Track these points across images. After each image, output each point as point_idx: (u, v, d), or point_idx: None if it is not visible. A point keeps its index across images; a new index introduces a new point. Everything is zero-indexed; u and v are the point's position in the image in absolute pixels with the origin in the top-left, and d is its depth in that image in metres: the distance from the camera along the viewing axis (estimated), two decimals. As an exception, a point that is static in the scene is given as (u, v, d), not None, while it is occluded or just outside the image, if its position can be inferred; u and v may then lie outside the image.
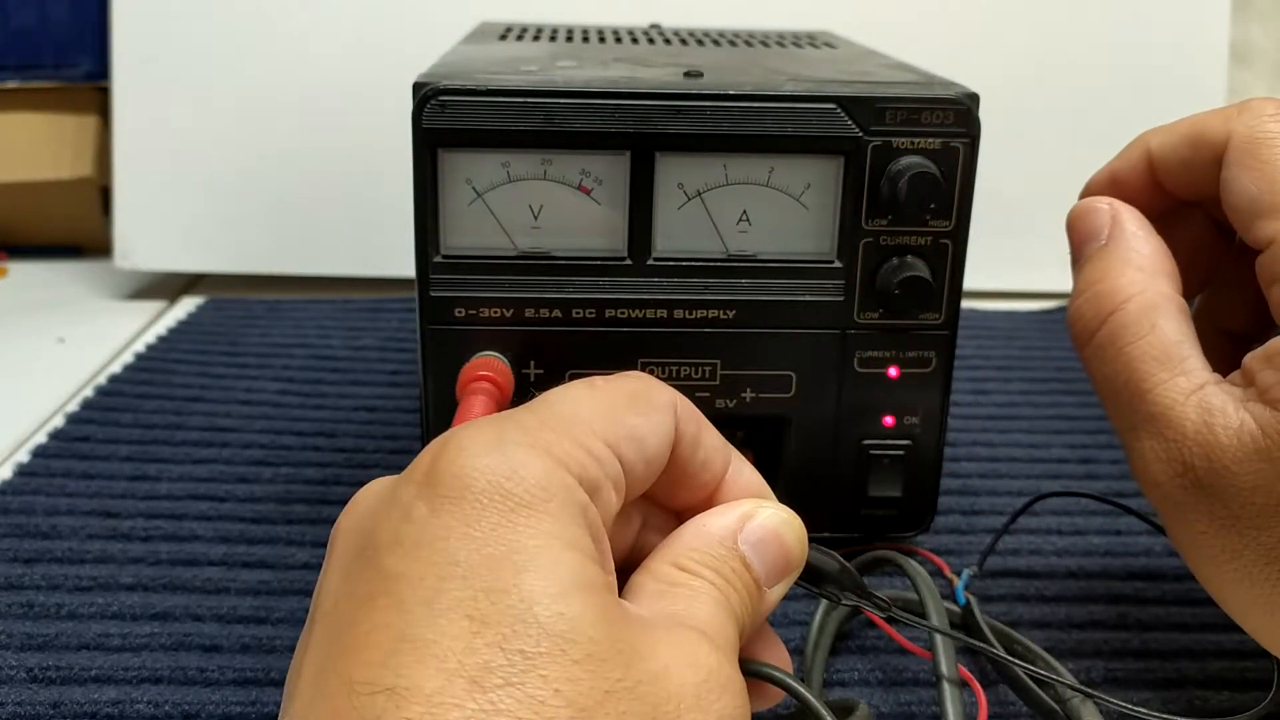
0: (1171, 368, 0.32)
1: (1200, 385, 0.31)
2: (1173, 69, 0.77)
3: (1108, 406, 0.34)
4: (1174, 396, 0.31)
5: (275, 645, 0.40)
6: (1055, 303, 0.76)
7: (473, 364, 0.39)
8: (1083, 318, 0.34)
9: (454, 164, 0.39)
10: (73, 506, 0.48)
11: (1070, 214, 0.36)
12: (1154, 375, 0.32)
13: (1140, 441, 0.32)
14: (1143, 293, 0.33)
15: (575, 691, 0.22)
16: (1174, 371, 0.32)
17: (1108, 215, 0.35)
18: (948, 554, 0.45)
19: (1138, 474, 0.33)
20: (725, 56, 0.50)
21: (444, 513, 0.24)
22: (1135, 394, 0.32)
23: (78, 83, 0.78)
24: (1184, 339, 0.32)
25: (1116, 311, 0.33)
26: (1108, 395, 0.33)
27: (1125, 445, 0.33)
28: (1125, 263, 0.34)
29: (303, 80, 0.75)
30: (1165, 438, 0.31)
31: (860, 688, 0.38)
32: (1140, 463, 0.32)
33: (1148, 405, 0.32)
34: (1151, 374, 0.32)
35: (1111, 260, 0.34)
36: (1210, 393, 0.31)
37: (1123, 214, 0.35)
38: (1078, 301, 0.34)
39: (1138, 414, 0.32)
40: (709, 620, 0.26)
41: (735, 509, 0.29)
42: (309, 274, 0.77)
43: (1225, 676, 0.39)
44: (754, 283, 0.40)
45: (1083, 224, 0.36)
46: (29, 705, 0.36)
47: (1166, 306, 0.33)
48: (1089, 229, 0.35)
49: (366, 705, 0.22)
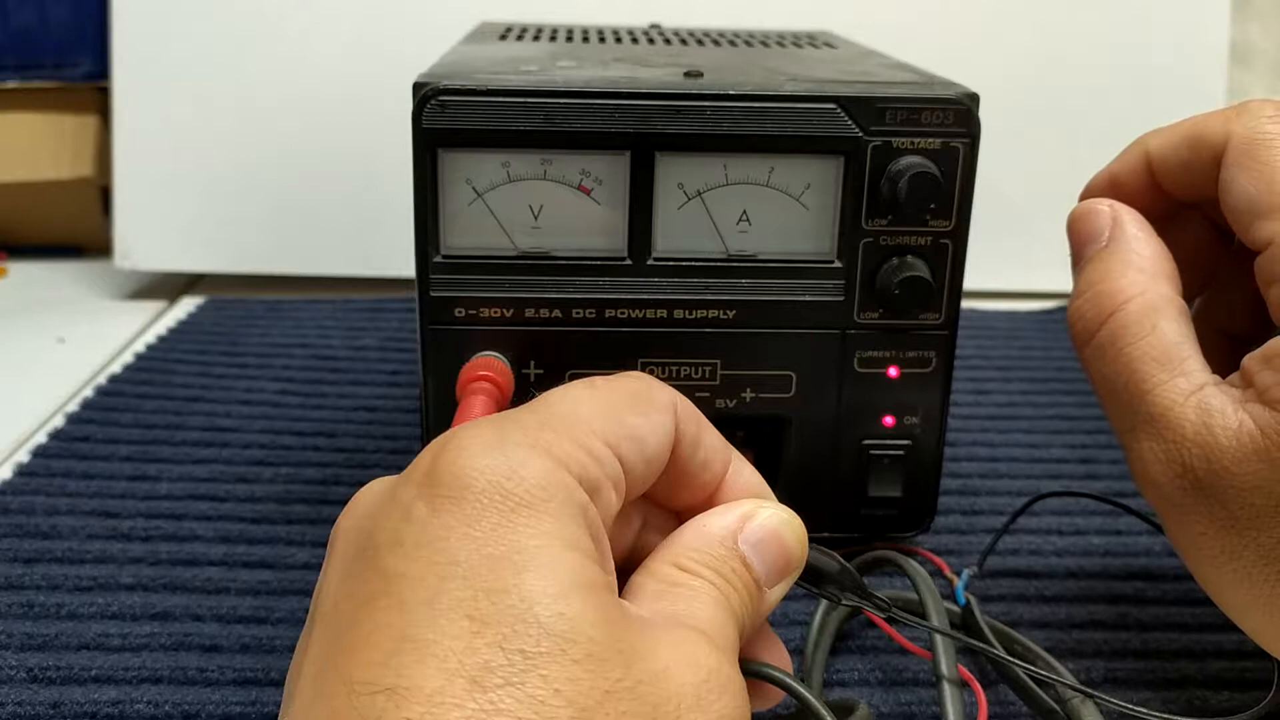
0: (1171, 369, 0.32)
1: (1200, 386, 0.31)
2: (1173, 69, 0.77)
3: (1107, 407, 0.34)
4: (1173, 397, 0.31)
5: (275, 645, 0.40)
6: (1055, 303, 0.76)
7: (473, 364, 0.39)
8: (1083, 318, 0.34)
9: (454, 164, 0.39)
10: (73, 506, 0.48)
11: (1071, 216, 0.36)
12: (1153, 376, 0.32)
13: (1139, 442, 0.32)
14: (1143, 294, 0.33)
15: (575, 691, 0.22)
16: (1174, 373, 0.32)
17: (1108, 217, 0.35)
18: (948, 554, 0.45)
19: (1137, 475, 0.33)
20: (725, 56, 0.50)
21: (444, 513, 0.24)
22: (1135, 395, 0.32)
23: (78, 83, 0.78)
24: (1184, 340, 0.32)
25: (1117, 312, 0.33)
26: (1107, 396, 0.33)
27: (1124, 446, 0.33)
28: (1126, 264, 0.34)
29: (303, 80, 0.75)
30: (1164, 439, 0.31)
31: (860, 688, 0.38)
32: (1139, 463, 0.32)
33: (1147, 406, 0.32)
34: (1151, 375, 0.32)
35: (1112, 261, 0.34)
36: (1209, 394, 0.31)
37: (1123, 216, 0.35)
38: (1078, 302, 0.34)
39: (1137, 415, 0.32)
40: (709, 620, 0.26)
41: (736, 509, 0.29)
42: (309, 274, 0.77)
43: (1225, 676, 0.39)
44: (754, 283, 0.40)
45: (1083, 225, 0.36)
46: (29, 705, 0.36)
47: (1167, 308, 0.33)
48: (1089, 230, 0.35)
49: (367, 705, 0.22)
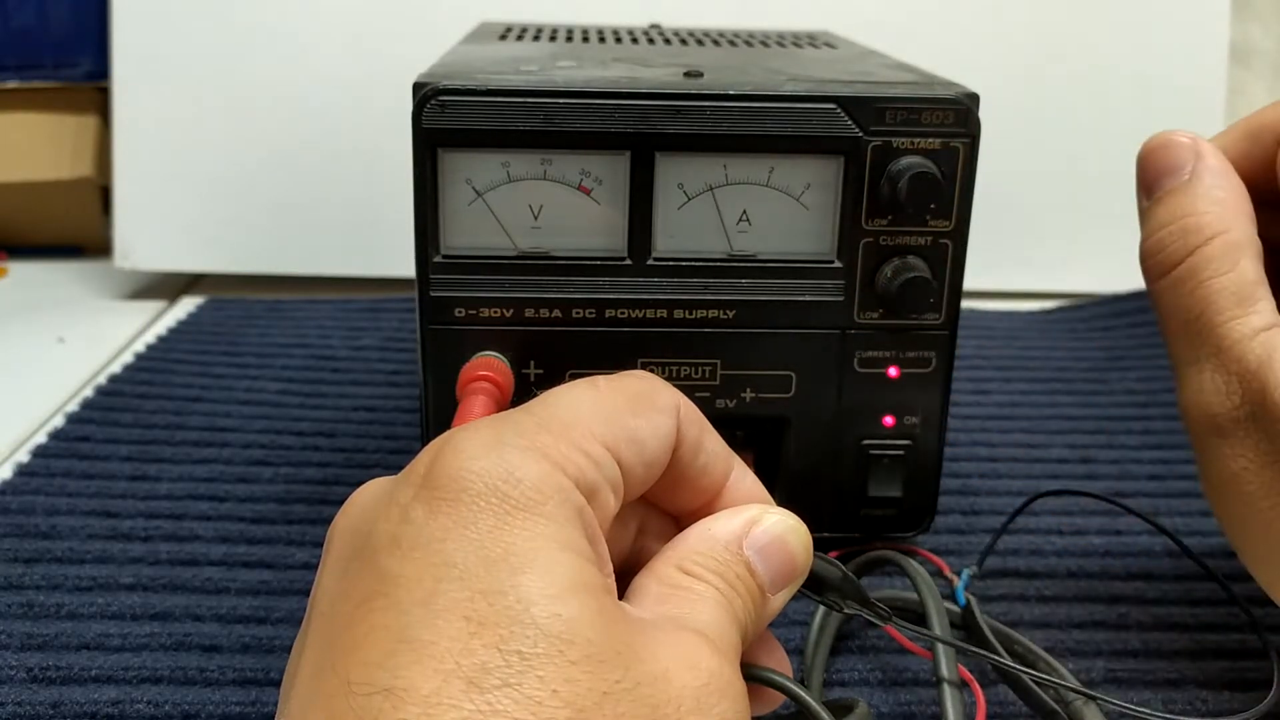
0: (1246, 306, 0.33)
1: (1269, 325, 0.33)
2: (1173, 69, 0.77)
3: (1174, 339, 0.35)
4: (1244, 331, 0.33)
5: (275, 645, 0.40)
6: (1055, 303, 0.76)
7: (473, 364, 0.39)
8: (1164, 249, 0.35)
9: (454, 164, 0.39)
10: (73, 506, 0.48)
11: (1147, 146, 0.36)
12: (1229, 310, 0.33)
13: (1202, 373, 0.33)
14: (1228, 231, 0.34)
15: (573, 693, 0.22)
16: (1248, 309, 0.33)
17: (1191, 150, 0.35)
18: (948, 554, 0.45)
19: (1191, 405, 0.34)
20: (725, 56, 0.50)
21: (441, 514, 0.24)
22: (1206, 326, 0.33)
23: (78, 83, 0.78)
24: (1261, 281, 0.33)
25: (1204, 246, 0.34)
26: (1177, 327, 0.34)
27: (1182, 378, 0.34)
28: (1212, 200, 0.34)
29: (303, 80, 0.75)
30: (1228, 370, 0.33)
31: (860, 688, 0.38)
32: (1198, 394, 0.33)
33: (1217, 338, 0.33)
34: (1227, 309, 0.33)
35: (1196, 196, 0.35)
36: (1275, 334, 0.32)
37: (1204, 150, 0.35)
38: (1160, 234, 0.35)
39: (1205, 345, 0.33)
40: (711, 624, 0.26)
41: (741, 514, 0.29)
42: (309, 274, 0.77)
43: (1225, 676, 0.39)
44: (754, 283, 0.40)
45: (1163, 156, 0.36)
46: (29, 705, 0.36)
47: (1249, 247, 0.34)
48: (1169, 162, 0.35)
49: (363, 706, 0.22)
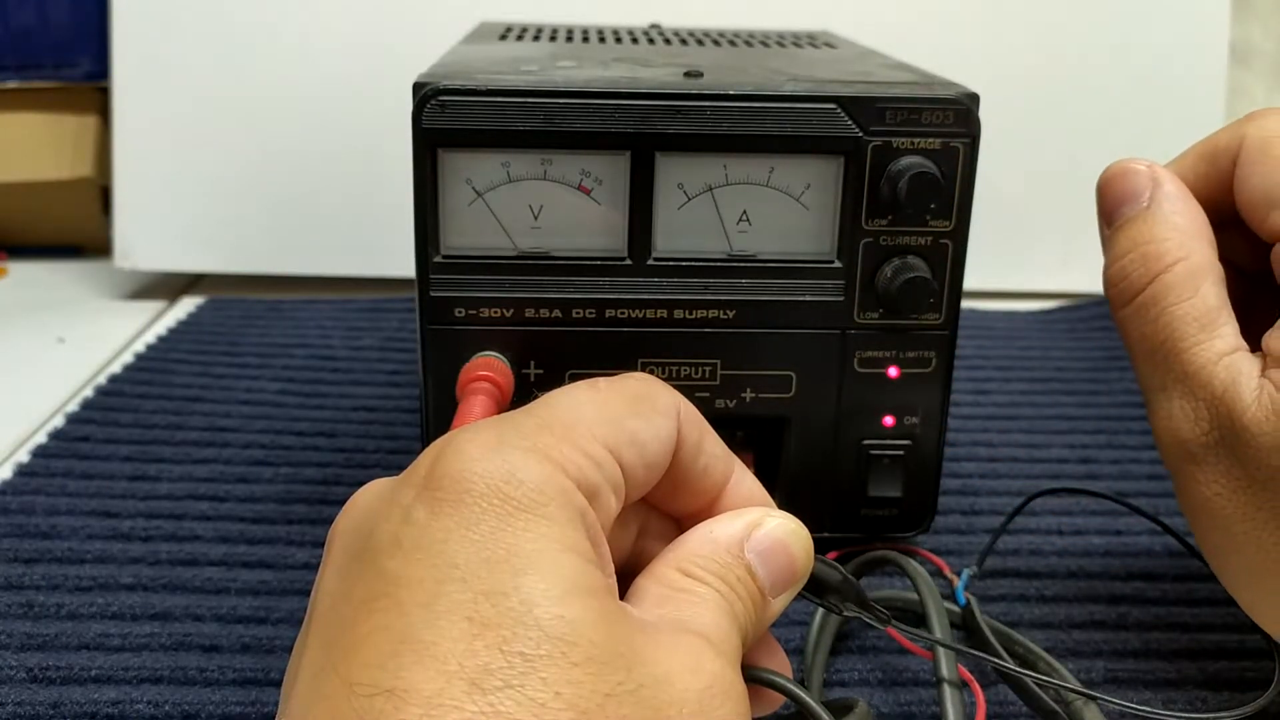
0: (1209, 331, 0.33)
1: (1233, 349, 0.33)
2: (1173, 69, 0.77)
3: (1141, 365, 0.35)
4: (1208, 356, 0.33)
5: (275, 645, 0.40)
6: (1055, 303, 0.76)
7: (473, 364, 0.39)
8: (1127, 278, 0.35)
9: (454, 164, 0.39)
10: (73, 506, 0.48)
11: (1105, 174, 0.36)
12: (1193, 336, 0.33)
13: (1170, 400, 0.33)
14: (1188, 257, 0.34)
15: (575, 694, 0.22)
16: (1211, 334, 0.33)
17: (1147, 177, 0.36)
18: (948, 554, 0.45)
19: (1162, 432, 0.34)
20: (725, 56, 0.50)
21: (443, 515, 0.24)
22: (1172, 353, 0.33)
23: (78, 83, 0.78)
24: (1223, 305, 0.34)
25: (1164, 274, 0.34)
26: (1144, 354, 0.34)
27: (1152, 405, 0.34)
28: (1170, 226, 0.35)
29: (303, 80, 0.75)
30: (1195, 396, 0.33)
31: (860, 688, 0.38)
32: (1167, 420, 0.33)
33: (1183, 364, 0.33)
34: (1191, 335, 0.33)
35: (1156, 223, 0.35)
36: (1240, 357, 0.33)
37: (1162, 176, 0.36)
38: (1122, 262, 0.35)
39: (1171, 372, 0.33)
40: (713, 626, 0.26)
41: (742, 517, 0.29)
42: (309, 274, 0.77)
43: (1225, 676, 0.39)
44: (754, 283, 0.40)
45: (1120, 185, 0.36)
46: (29, 705, 0.36)
47: (1210, 272, 0.34)
48: (1127, 190, 0.36)
49: (365, 707, 0.22)
